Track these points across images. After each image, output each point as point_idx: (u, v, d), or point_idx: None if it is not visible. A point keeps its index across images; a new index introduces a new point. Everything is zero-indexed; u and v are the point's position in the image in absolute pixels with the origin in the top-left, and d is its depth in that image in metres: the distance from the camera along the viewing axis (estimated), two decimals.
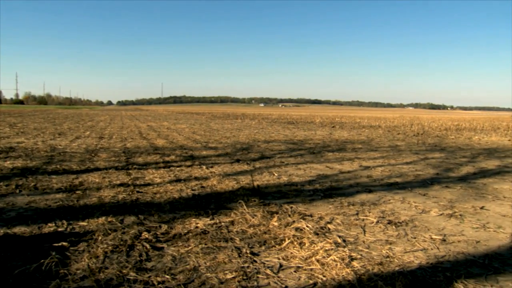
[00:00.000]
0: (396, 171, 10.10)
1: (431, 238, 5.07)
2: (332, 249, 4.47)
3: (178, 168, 9.77)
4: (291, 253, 4.39)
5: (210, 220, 5.49)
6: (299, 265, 4.09)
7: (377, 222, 5.64)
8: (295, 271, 3.96)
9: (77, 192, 7.03)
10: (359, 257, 4.33)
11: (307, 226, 5.23)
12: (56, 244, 4.49)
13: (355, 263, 4.12)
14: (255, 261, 4.17)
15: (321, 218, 5.76)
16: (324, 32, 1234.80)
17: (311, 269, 3.98)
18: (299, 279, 3.78)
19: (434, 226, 5.59)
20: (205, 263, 4.07)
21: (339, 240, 4.85)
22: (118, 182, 7.92)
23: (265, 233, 5.04)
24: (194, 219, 5.50)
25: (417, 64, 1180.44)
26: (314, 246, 4.53)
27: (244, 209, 5.96)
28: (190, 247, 4.50)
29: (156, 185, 7.75)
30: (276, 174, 9.19)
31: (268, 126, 30.86)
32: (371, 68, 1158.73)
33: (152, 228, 5.14)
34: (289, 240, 4.72)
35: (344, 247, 4.60)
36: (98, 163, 10.33)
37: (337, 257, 4.21)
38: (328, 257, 4.21)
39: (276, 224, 5.31)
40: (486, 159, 13.14)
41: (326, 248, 4.48)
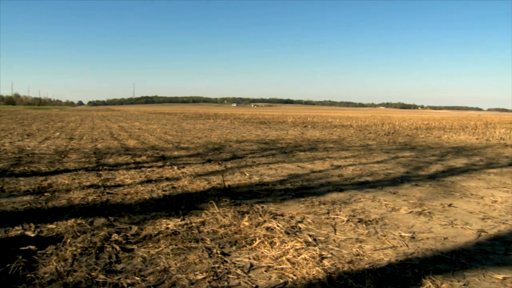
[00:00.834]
0: (367, 170, 10.19)
1: (401, 236, 5.13)
2: (303, 248, 4.49)
3: (149, 169, 9.70)
4: (262, 253, 4.39)
5: (181, 221, 5.46)
6: (270, 265, 4.09)
7: (348, 221, 5.69)
8: (266, 271, 3.96)
9: (46, 194, 6.93)
10: (330, 256, 4.35)
11: (278, 226, 5.24)
12: (23, 248, 4.42)
13: (326, 262, 4.15)
14: (226, 261, 4.17)
15: (292, 218, 5.78)
16: (296, 32, 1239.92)
17: (282, 269, 3.99)
18: (270, 279, 3.79)
19: (404, 224, 5.66)
20: (176, 264, 4.05)
21: (310, 239, 4.87)
22: (88, 184, 7.82)
23: (236, 233, 5.03)
24: (165, 220, 5.47)
25: (388, 64, 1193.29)
26: (285, 246, 4.55)
27: (215, 209, 5.95)
28: (161, 248, 4.47)
29: (127, 186, 7.68)
30: (248, 174, 9.19)
31: (240, 126, 30.85)
32: (343, 68, 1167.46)
33: (122, 230, 5.09)
34: (260, 240, 4.72)
35: (315, 246, 4.63)
36: (68, 165, 10.19)
37: (308, 256, 4.23)
38: (299, 256, 4.23)
39: (247, 224, 5.32)
40: (455, 158, 13.35)
41: (297, 247, 4.50)
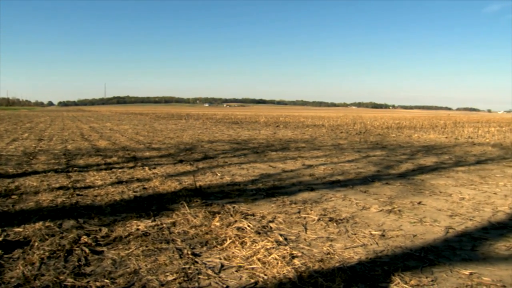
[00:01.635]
0: (338, 169, 10.26)
1: (371, 234, 5.19)
2: (274, 248, 4.50)
3: (120, 170, 9.62)
4: (233, 253, 4.39)
5: (152, 222, 5.43)
6: (241, 265, 4.09)
7: (319, 220, 5.72)
8: (237, 271, 3.97)
9: (13, 197, 6.81)
10: (300, 255, 4.37)
11: (249, 226, 5.25)
12: None
13: (296, 261, 4.16)
14: (197, 262, 4.15)
15: (263, 217, 5.79)
16: (269, 32, 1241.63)
17: (253, 268, 4.00)
18: (241, 279, 3.79)
19: (374, 222, 5.72)
20: (146, 266, 4.02)
21: (281, 239, 4.89)
22: (58, 185, 7.72)
23: (207, 234, 5.02)
24: (136, 221, 5.43)
25: (360, 64, 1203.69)
26: (256, 245, 4.55)
27: (186, 210, 5.93)
28: (131, 250, 4.44)
29: (97, 188, 7.60)
30: (219, 174, 9.18)
31: (213, 126, 30.80)
32: (315, 68, 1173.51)
33: (92, 232, 5.04)
34: (231, 240, 4.72)
35: (286, 245, 4.64)
36: (37, 166, 10.04)
37: (278, 256, 4.24)
38: (270, 256, 4.24)
39: (218, 224, 5.31)
40: (425, 156, 13.53)
41: (268, 247, 4.51)
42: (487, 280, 3.89)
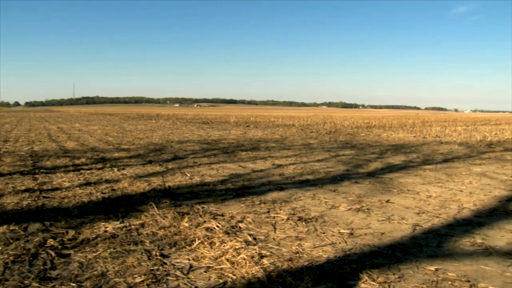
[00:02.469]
0: (308, 169, 10.32)
1: (339, 233, 5.23)
2: (243, 248, 4.51)
3: (89, 171, 9.50)
4: (202, 254, 4.38)
5: (120, 224, 5.38)
6: (209, 265, 4.09)
7: (288, 219, 5.74)
8: (205, 271, 3.96)
9: None
10: (269, 255, 4.39)
11: (218, 226, 5.24)
12: None
13: (265, 261, 4.17)
14: (165, 263, 4.13)
15: (232, 217, 5.79)
16: (239, 33, 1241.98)
17: (221, 269, 4.00)
18: (209, 279, 3.79)
19: (343, 221, 5.77)
20: (114, 268, 3.98)
21: (250, 239, 4.89)
22: (23, 188, 7.57)
23: (176, 235, 5.00)
24: (104, 223, 5.37)
25: (331, 64, 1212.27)
26: (225, 245, 4.55)
27: (155, 211, 5.89)
28: (98, 252, 4.39)
29: (65, 190, 7.49)
30: (189, 175, 9.14)
31: (183, 127, 30.63)
32: (286, 68, 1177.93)
33: (59, 235, 4.96)
34: (200, 241, 4.71)
35: (255, 245, 4.65)
36: (1, 168, 9.84)
37: (247, 255, 4.25)
38: (238, 256, 4.24)
39: (187, 225, 5.29)
40: (393, 155, 13.70)
41: (236, 247, 4.51)
42: (452, 276, 3.97)
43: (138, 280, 3.71)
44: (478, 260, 4.40)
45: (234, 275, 3.84)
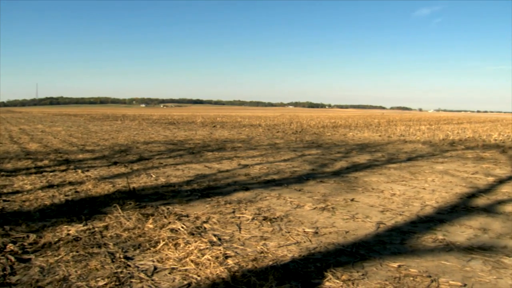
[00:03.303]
0: (274, 169, 10.35)
1: (304, 232, 5.26)
2: (207, 248, 4.49)
3: (52, 173, 9.33)
4: (166, 255, 4.35)
5: (83, 226, 5.30)
6: (174, 266, 4.06)
7: (253, 219, 5.75)
8: (170, 273, 3.93)
9: None
10: (234, 255, 4.38)
11: (183, 227, 5.22)
12: None
13: (230, 261, 4.17)
14: (129, 266, 4.09)
15: (198, 218, 5.77)
16: (206, 32, 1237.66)
17: (186, 270, 3.98)
18: (174, 281, 3.76)
19: (308, 220, 5.81)
20: (76, 272, 3.92)
21: (215, 239, 4.89)
22: None
23: (140, 236, 4.96)
24: (66, 226, 5.28)
25: (297, 64, 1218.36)
26: (189, 246, 4.53)
27: (119, 213, 5.83)
28: (60, 256, 4.31)
29: (26, 193, 7.34)
30: (154, 176, 9.07)
31: (149, 127, 30.36)
32: (253, 68, 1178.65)
33: (19, 239, 4.85)
34: (164, 242, 4.68)
35: (219, 246, 4.65)
36: None
37: (212, 256, 4.24)
38: (203, 257, 4.23)
39: (152, 226, 5.25)
40: (359, 154, 13.86)
41: (201, 248, 4.49)
42: (414, 272, 4.04)
43: (101, 284, 3.66)
44: (439, 256, 4.50)
45: (199, 276, 3.82)
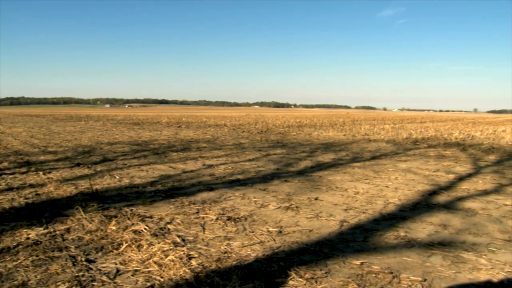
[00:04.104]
0: (239, 168, 10.34)
1: (268, 231, 5.28)
2: (171, 249, 4.47)
3: (11, 176, 9.12)
4: (129, 257, 4.31)
5: (44, 230, 5.20)
6: (137, 268, 4.03)
7: (217, 219, 5.74)
8: (133, 275, 3.89)
9: None
10: (197, 255, 4.37)
11: (146, 228, 5.18)
12: None
13: (193, 262, 4.16)
14: (91, 269, 4.03)
15: (161, 219, 5.73)
16: (170, 32, 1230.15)
17: (149, 271, 3.95)
18: (136, 283, 3.73)
19: (272, 219, 5.82)
20: (36, 277, 3.84)
21: (178, 240, 4.86)
22: None
23: (103, 238, 4.89)
24: (26, 230, 5.16)
25: (263, 64, 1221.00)
26: (152, 248, 4.50)
27: (82, 215, 5.74)
28: (20, 261, 4.21)
29: None
30: (118, 177, 8.96)
31: (113, 128, 29.99)
32: (218, 68, 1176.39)
33: None
34: (127, 244, 4.63)
35: (183, 246, 4.63)
36: None
37: (175, 257, 4.21)
38: (166, 258, 4.20)
39: (114, 228, 5.19)
40: (323, 153, 13.96)
41: (165, 249, 4.47)
42: (376, 268, 4.11)
43: None
44: (401, 252, 4.58)
45: (162, 278, 3.79)
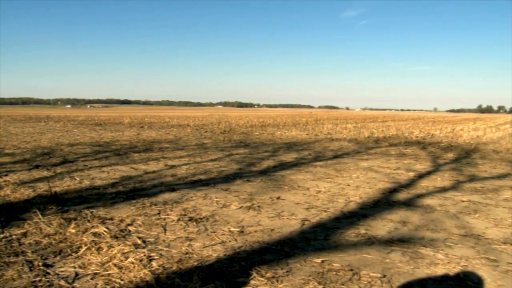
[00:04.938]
0: (201, 169, 10.30)
1: (230, 231, 5.28)
2: (131, 251, 4.42)
3: None
4: (88, 260, 4.24)
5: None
6: (96, 272, 3.97)
7: (179, 220, 5.72)
8: (92, 278, 3.83)
9: None
10: (158, 257, 4.34)
11: (106, 230, 5.10)
12: None
13: (154, 263, 4.12)
14: (48, 273, 3.95)
15: (122, 221, 5.66)
16: (132, 32, 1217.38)
17: (109, 274, 3.89)
18: (96, 286, 3.68)
19: (234, 219, 5.83)
20: None
21: (139, 241, 4.81)
22: None
23: (61, 242, 4.80)
24: None
25: (227, 64, 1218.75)
26: (112, 250, 4.44)
27: (40, 218, 5.62)
28: None
29: None
30: (78, 179, 8.81)
31: (74, 129, 29.49)
32: (182, 68, 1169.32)
33: None
34: (87, 247, 4.56)
35: (144, 248, 4.58)
36: None
37: (135, 259, 4.17)
38: (126, 260, 4.15)
39: (74, 231, 5.09)
40: (286, 153, 14.03)
41: (125, 251, 4.41)
42: (337, 266, 4.17)
43: None
44: (362, 250, 4.65)
45: (122, 280, 3.75)
